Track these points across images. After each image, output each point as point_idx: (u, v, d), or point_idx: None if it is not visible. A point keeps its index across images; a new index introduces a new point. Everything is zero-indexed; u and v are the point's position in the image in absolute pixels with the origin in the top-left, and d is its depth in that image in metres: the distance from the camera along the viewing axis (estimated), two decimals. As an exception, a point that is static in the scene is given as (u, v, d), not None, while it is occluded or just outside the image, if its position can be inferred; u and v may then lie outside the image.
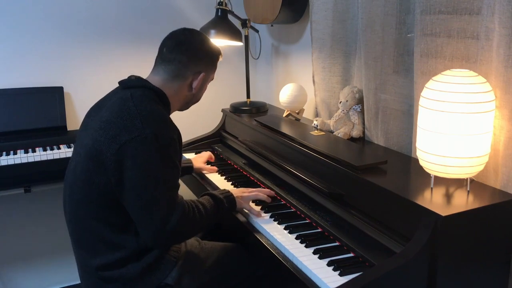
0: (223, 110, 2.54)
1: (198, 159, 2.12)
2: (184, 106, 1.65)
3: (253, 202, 1.69)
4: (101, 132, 1.38)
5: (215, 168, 2.11)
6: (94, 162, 1.38)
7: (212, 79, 1.68)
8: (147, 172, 1.35)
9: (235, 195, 1.62)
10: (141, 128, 1.35)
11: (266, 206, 1.68)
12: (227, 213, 1.60)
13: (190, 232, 1.48)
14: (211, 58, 1.61)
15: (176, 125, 1.47)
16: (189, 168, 2.04)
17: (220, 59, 1.67)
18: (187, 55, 1.54)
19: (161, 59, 1.56)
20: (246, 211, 1.64)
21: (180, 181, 2.07)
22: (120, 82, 1.55)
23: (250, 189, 1.70)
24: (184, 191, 2.21)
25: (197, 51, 1.56)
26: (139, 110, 1.39)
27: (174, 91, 1.55)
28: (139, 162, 1.34)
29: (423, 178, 1.42)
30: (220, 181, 1.99)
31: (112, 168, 1.35)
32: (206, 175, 2.07)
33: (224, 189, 1.65)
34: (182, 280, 1.51)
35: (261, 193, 1.68)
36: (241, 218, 1.65)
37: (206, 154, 2.18)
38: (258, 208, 1.66)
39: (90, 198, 1.42)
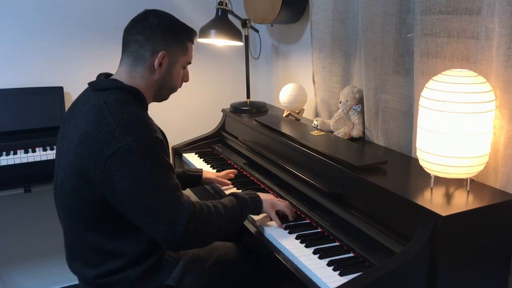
0: (223, 110, 2.54)
1: (210, 172, 1.98)
2: (158, 95, 1.53)
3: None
4: (82, 148, 1.32)
5: (228, 181, 1.93)
6: (82, 180, 1.34)
7: (189, 63, 1.55)
8: (139, 180, 1.29)
9: (264, 199, 1.56)
10: (121, 138, 1.28)
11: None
12: (252, 214, 1.55)
13: (208, 232, 1.39)
14: (171, 35, 1.46)
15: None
16: (197, 177, 1.90)
17: (194, 39, 1.54)
18: (143, 33, 1.43)
19: (123, 46, 1.48)
20: (271, 217, 1.58)
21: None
22: (89, 84, 1.47)
23: (282, 200, 1.64)
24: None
25: (154, 28, 1.43)
26: (116, 120, 1.31)
27: (142, 79, 1.46)
28: (127, 172, 1.29)
29: (423, 178, 1.42)
30: (220, 181, 1.99)
31: (102, 183, 1.31)
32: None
33: (251, 191, 1.59)
34: (182, 281, 1.50)
35: (288, 209, 1.60)
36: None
37: (224, 172, 1.98)
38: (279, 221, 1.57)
39: (83, 213, 1.38)
